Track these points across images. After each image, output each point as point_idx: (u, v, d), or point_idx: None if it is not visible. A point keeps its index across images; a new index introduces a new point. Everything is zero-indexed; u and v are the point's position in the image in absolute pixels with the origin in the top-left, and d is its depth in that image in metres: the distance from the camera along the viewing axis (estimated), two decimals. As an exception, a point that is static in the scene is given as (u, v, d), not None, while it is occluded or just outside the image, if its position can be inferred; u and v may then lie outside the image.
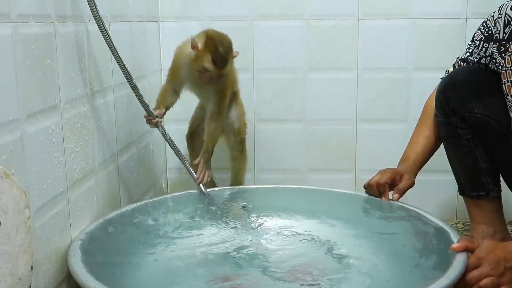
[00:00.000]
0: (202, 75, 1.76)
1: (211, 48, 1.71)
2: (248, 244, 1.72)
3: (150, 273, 1.51)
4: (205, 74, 1.75)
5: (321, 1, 2.19)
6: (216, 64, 1.71)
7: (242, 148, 2.04)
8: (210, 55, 1.71)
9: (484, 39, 1.68)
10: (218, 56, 1.71)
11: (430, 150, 1.80)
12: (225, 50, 1.73)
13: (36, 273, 1.23)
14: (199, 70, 1.74)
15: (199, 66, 1.73)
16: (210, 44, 1.72)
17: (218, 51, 1.71)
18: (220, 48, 1.72)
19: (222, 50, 1.72)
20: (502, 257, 1.32)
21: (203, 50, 1.72)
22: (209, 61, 1.71)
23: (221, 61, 1.72)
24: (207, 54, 1.71)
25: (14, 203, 1.11)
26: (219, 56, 1.71)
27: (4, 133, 1.12)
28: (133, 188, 1.92)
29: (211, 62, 1.71)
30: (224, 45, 1.74)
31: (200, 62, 1.72)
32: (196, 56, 1.73)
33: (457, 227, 2.15)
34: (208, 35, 1.74)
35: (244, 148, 2.04)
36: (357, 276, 1.51)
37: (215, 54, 1.71)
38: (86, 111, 1.52)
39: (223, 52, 1.72)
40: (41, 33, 1.27)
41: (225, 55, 1.73)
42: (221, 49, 1.72)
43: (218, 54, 1.71)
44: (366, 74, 2.23)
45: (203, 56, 1.72)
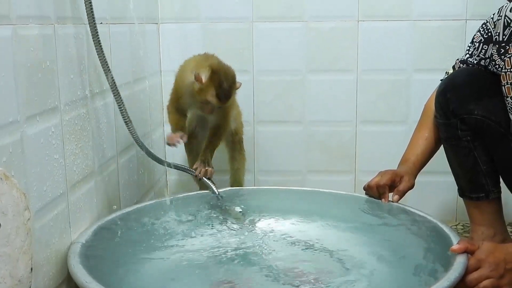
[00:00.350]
0: (204, 106, 1.77)
1: (215, 83, 1.72)
2: (247, 245, 1.71)
3: (150, 275, 1.51)
4: (208, 106, 1.76)
5: (321, 3, 2.20)
6: (219, 99, 1.73)
7: (240, 148, 2.04)
8: (215, 90, 1.72)
9: (483, 41, 1.68)
10: (222, 92, 1.72)
11: (430, 152, 1.80)
12: (229, 85, 1.74)
13: (36, 275, 1.23)
14: (202, 102, 1.76)
15: (202, 99, 1.74)
16: (215, 79, 1.72)
17: (222, 86, 1.72)
18: (225, 83, 1.73)
19: (226, 85, 1.73)
20: (502, 259, 1.32)
21: (207, 84, 1.72)
22: (213, 96, 1.72)
23: (225, 96, 1.74)
24: (211, 88, 1.72)
25: (14, 205, 1.11)
26: (223, 92, 1.73)
27: (4, 135, 1.12)
28: (133, 189, 1.92)
29: (215, 96, 1.72)
30: (229, 80, 1.75)
31: (203, 96, 1.73)
32: (200, 88, 1.73)
33: (457, 229, 2.15)
34: (213, 70, 1.74)
35: (242, 148, 2.05)
36: (357, 278, 1.51)
37: (220, 89, 1.72)
38: (86, 113, 1.52)
39: (227, 87, 1.73)
40: (40, 35, 1.27)
41: (228, 90, 1.74)
42: (225, 84, 1.73)
43: (223, 89, 1.72)
44: (366, 76, 2.23)
45: (207, 90, 1.72)
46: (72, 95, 1.44)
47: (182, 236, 1.72)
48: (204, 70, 1.73)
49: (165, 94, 2.12)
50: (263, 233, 1.78)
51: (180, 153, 2.20)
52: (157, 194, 2.21)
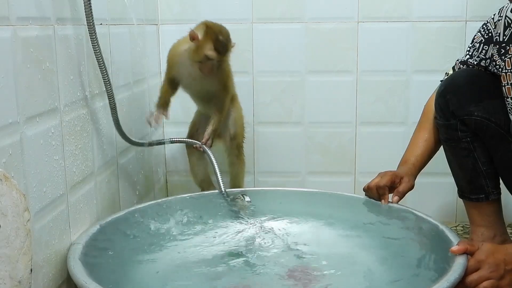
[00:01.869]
0: (203, 66, 1.79)
1: (212, 36, 1.76)
2: (246, 246, 1.71)
3: (149, 275, 1.51)
4: (206, 64, 1.78)
5: (321, 4, 2.20)
6: (218, 51, 1.76)
7: (238, 153, 2.04)
8: (212, 43, 1.75)
9: (484, 42, 1.69)
10: (219, 43, 1.76)
11: (430, 153, 1.80)
12: (225, 37, 1.79)
13: (36, 276, 1.23)
14: (201, 60, 1.78)
15: (200, 56, 1.77)
16: (211, 32, 1.77)
17: (219, 38, 1.76)
18: (220, 36, 1.77)
19: (223, 38, 1.78)
20: (502, 260, 1.32)
21: (204, 39, 1.76)
22: (211, 49, 1.75)
23: (223, 48, 1.77)
24: (208, 42, 1.76)
25: (14, 206, 1.11)
26: (221, 43, 1.77)
27: (4, 136, 1.12)
28: (132, 190, 1.92)
29: (213, 49, 1.75)
30: (224, 33, 1.80)
31: (201, 52, 1.76)
32: (196, 46, 1.77)
33: (457, 230, 2.15)
34: (208, 25, 1.79)
35: (241, 153, 2.05)
36: (356, 278, 1.51)
37: (217, 41, 1.76)
38: (85, 114, 1.52)
39: (224, 39, 1.78)
40: (40, 36, 1.27)
41: (226, 42, 1.79)
42: (221, 37, 1.77)
43: (220, 41, 1.76)
44: (366, 77, 2.23)
45: (205, 44, 1.76)
46: (72, 96, 1.44)
47: (181, 237, 1.72)
48: (198, 28, 1.80)
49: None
50: (263, 234, 1.78)
51: (179, 155, 2.20)
52: (157, 195, 2.21)
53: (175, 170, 2.35)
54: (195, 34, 1.77)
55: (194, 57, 1.79)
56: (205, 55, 1.76)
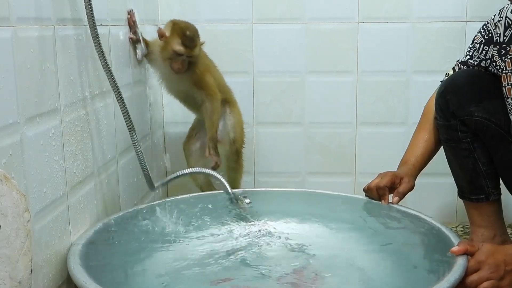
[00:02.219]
0: (173, 63, 1.82)
1: (178, 32, 1.80)
2: (246, 246, 1.72)
3: (149, 276, 1.51)
4: (176, 60, 1.81)
5: (321, 4, 2.20)
6: (185, 45, 1.78)
7: (237, 158, 2.05)
8: (179, 38, 1.79)
9: (484, 42, 1.69)
10: (186, 38, 1.79)
11: (430, 153, 1.80)
12: (192, 33, 1.82)
13: (36, 276, 1.23)
14: (170, 56, 1.81)
15: (169, 52, 1.80)
16: (177, 28, 1.81)
17: (186, 33, 1.79)
18: (188, 31, 1.80)
19: (190, 33, 1.80)
20: (502, 260, 1.32)
21: (171, 35, 1.80)
22: (178, 44, 1.78)
23: (190, 42, 1.79)
24: (175, 37, 1.79)
25: (14, 207, 1.11)
26: (188, 38, 1.79)
27: (4, 137, 1.12)
28: (133, 191, 1.92)
29: (180, 44, 1.78)
30: (191, 29, 1.82)
31: (169, 47, 1.80)
32: (164, 43, 1.81)
33: (457, 230, 2.15)
34: (174, 22, 1.84)
35: (240, 158, 2.05)
36: (356, 279, 1.51)
37: (183, 36, 1.79)
38: (86, 114, 1.52)
39: (190, 34, 1.81)
40: (40, 37, 1.27)
41: (192, 37, 1.81)
42: (188, 32, 1.80)
43: (186, 36, 1.79)
44: (366, 77, 2.23)
45: (171, 40, 1.79)
46: (72, 97, 1.44)
47: (181, 237, 1.72)
48: (166, 26, 1.84)
49: (165, 96, 2.12)
50: (262, 234, 1.78)
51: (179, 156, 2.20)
52: (157, 196, 2.21)
53: (175, 170, 2.34)
54: (162, 32, 1.81)
55: (164, 54, 1.82)
56: (173, 51, 1.79)
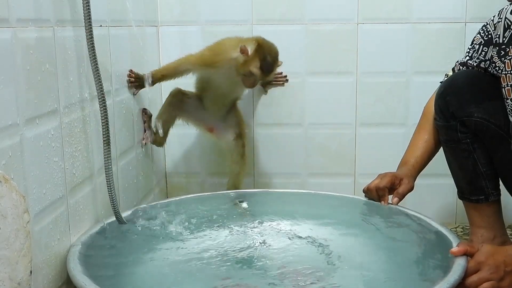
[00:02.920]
0: (245, 79, 1.88)
1: (260, 56, 1.83)
2: (247, 247, 1.71)
3: (149, 277, 1.51)
4: (250, 78, 1.86)
5: (321, 5, 2.20)
6: (263, 70, 1.84)
7: (243, 152, 2.06)
8: (259, 62, 1.83)
9: (483, 43, 1.69)
10: (265, 64, 1.84)
11: (429, 154, 1.80)
12: (272, 59, 1.87)
13: (35, 277, 1.23)
14: (245, 74, 1.85)
15: (245, 70, 1.84)
16: (260, 51, 1.84)
17: (266, 59, 1.84)
18: (268, 56, 1.85)
19: (270, 59, 1.85)
20: (502, 261, 1.32)
21: (252, 56, 1.83)
22: (257, 67, 1.83)
23: (268, 68, 1.85)
24: (255, 61, 1.83)
25: (13, 208, 1.11)
26: (267, 64, 1.84)
27: (3, 138, 1.12)
28: (132, 192, 1.92)
29: (258, 68, 1.83)
30: (272, 54, 1.87)
31: (247, 67, 1.84)
32: (245, 60, 1.84)
33: (457, 231, 2.15)
34: (259, 43, 1.86)
35: (245, 153, 2.06)
36: (356, 280, 1.51)
37: (264, 62, 1.83)
38: (85, 116, 1.52)
39: (270, 60, 1.85)
40: (40, 38, 1.27)
41: (272, 63, 1.86)
42: (269, 57, 1.85)
43: (266, 62, 1.84)
44: (366, 78, 2.23)
45: (252, 61, 1.83)
46: (72, 98, 1.44)
47: (181, 238, 1.72)
48: (250, 43, 1.86)
49: (165, 96, 2.12)
50: (263, 235, 1.78)
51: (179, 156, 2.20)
52: (157, 196, 2.21)
53: (175, 171, 2.35)
54: (245, 49, 1.82)
55: (240, 69, 1.85)
56: (250, 71, 1.84)
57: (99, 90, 1.48)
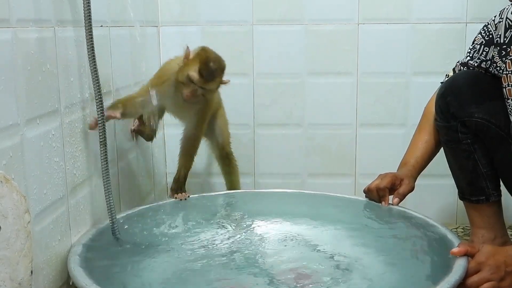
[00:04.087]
0: (184, 88, 1.67)
1: (201, 59, 1.66)
2: (246, 248, 1.71)
3: (149, 277, 1.50)
4: (188, 87, 1.66)
5: (321, 6, 2.20)
6: (201, 75, 1.64)
7: (229, 161, 2.03)
8: (198, 65, 1.64)
9: (484, 43, 1.69)
10: (205, 68, 1.65)
11: (430, 155, 1.80)
12: (215, 66, 1.68)
13: (36, 277, 1.23)
14: (183, 80, 1.66)
15: (183, 75, 1.66)
16: (202, 55, 1.68)
17: (207, 63, 1.66)
18: (212, 63, 1.67)
19: (213, 66, 1.67)
20: (502, 261, 1.32)
21: (193, 59, 1.67)
22: (195, 71, 1.64)
23: (208, 74, 1.65)
24: (195, 63, 1.65)
25: (14, 208, 1.11)
26: (207, 69, 1.65)
27: (4, 138, 1.12)
28: (133, 192, 1.92)
29: (197, 71, 1.64)
30: (217, 63, 1.69)
31: (186, 71, 1.65)
32: (184, 64, 1.67)
33: (457, 232, 2.15)
34: (204, 49, 1.71)
35: (232, 159, 2.03)
36: (356, 280, 1.51)
37: (204, 65, 1.65)
38: (86, 116, 1.52)
39: (213, 67, 1.66)
40: (41, 38, 1.27)
41: (213, 71, 1.67)
42: (212, 64, 1.66)
43: (207, 66, 1.65)
44: (366, 79, 2.23)
45: (191, 65, 1.66)
46: (72, 98, 1.44)
47: (182, 239, 1.72)
48: (196, 49, 1.70)
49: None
50: (263, 236, 1.78)
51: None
52: (157, 197, 2.21)
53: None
54: (188, 53, 1.68)
55: (178, 76, 1.68)
56: (187, 75, 1.65)
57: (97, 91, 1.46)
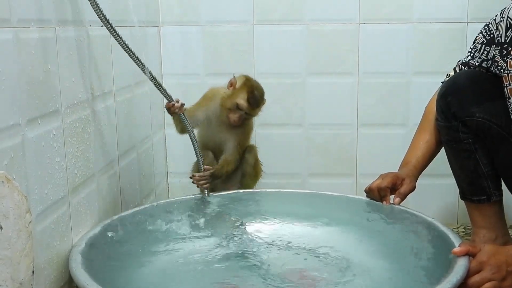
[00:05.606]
0: (231, 115, 1.85)
1: (248, 88, 1.86)
2: (247, 248, 1.71)
3: (151, 278, 1.51)
4: (235, 113, 1.85)
5: (322, 5, 2.20)
6: (249, 103, 1.84)
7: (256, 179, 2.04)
8: (246, 94, 1.84)
9: (486, 43, 1.69)
10: (253, 97, 1.85)
11: (431, 155, 1.80)
12: (260, 94, 1.88)
13: (37, 277, 1.23)
14: (231, 107, 1.85)
15: (232, 103, 1.85)
16: (248, 84, 1.87)
17: (254, 92, 1.86)
18: (256, 91, 1.87)
19: (258, 93, 1.87)
20: (504, 261, 1.32)
21: (240, 88, 1.86)
22: (244, 99, 1.84)
23: (254, 102, 1.86)
24: (243, 92, 1.85)
25: (15, 208, 1.11)
26: (254, 97, 1.85)
27: (5, 138, 1.12)
28: (134, 192, 1.92)
29: (246, 100, 1.84)
30: (260, 90, 1.89)
31: (234, 99, 1.85)
32: (231, 93, 1.87)
33: (458, 232, 2.15)
34: (247, 78, 1.90)
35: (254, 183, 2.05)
36: (357, 281, 1.51)
37: (251, 94, 1.85)
38: (87, 116, 1.52)
39: (258, 94, 1.87)
40: (42, 38, 1.27)
41: (258, 98, 1.87)
42: (256, 92, 1.87)
43: (254, 95, 1.85)
44: (367, 79, 2.23)
45: (239, 93, 1.85)
46: (73, 98, 1.44)
47: (183, 239, 1.72)
48: (239, 78, 1.89)
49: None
50: (264, 235, 1.78)
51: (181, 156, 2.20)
52: (158, 197, 2.21)
53: (176, 171, 2.35)
54: (234, 81, 1.87)
55: (226, 103, 1.86)
56: (236, 103, 1.84)
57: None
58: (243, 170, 1.99)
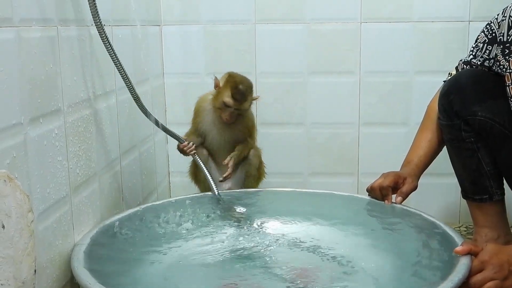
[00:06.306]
0: (222, 113, 1.87)
1: (232, 84, 1.85)
2: (249, 247, 1.71)
3: (153, 276, 1.51)
4: (226, 111, 1.86)
5: (323, 4, 2.20)
6: (235, 98, 1.84)
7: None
8: (230, 91, 1.84)
9: (487, 42, 1.68)
10: (237, 92, 1.84)
11: (433, 154, 1.79)
12: (245, 87, 1.86)
13: (40, 276, 1.23)
14: (220, 106, 1.86)
15: (219, 102, 1.86)
16: (231, 80, 1.87)
17: (238, 87, 1.84)
18: (240, 85, 1.85)
19: (242, 87, 1.85)
20: (506, 260, 1.32)
21: (223, 86, 1.87)
22: (228, 96, 1.84)
23: (240, 96, 1.85)
24: (227, 89, 1.85)
25: (17, 207, 1.11)
26: (239, 92, 1.84)
27: (7, 137, 1.12)
28: (136, 191, 1.92)
29: (230, 96, 1.84)
30: (245, 83, 1.88)
31: (220, 98, 1.86)
32: (217, 93, 1.88)
33: (460, 231, 2.15)
34: (230, 74, 1.90)
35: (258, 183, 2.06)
36: (359, 280, 1.51)
37: (235, 90, 1.84)
38: (89, 115, 1.52)
39: (243, 88, 1.85)
40: (44, 37, 1.27)
41: (244, 92, 1.86)
42: (241, 86, 1.85)
43: (238, 90, 1.84)
44: (368, 78, 2.23)
45: (224, 91, 1.85)
46: (75, 97, 1.44)
47: (185, 237, 1.72)
48: (223, 77, 1.90)
49: (167, 96, 2.12)
50: (265, 235, 1.78)
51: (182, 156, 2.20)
52: (160, 196, 2.21)
53: (178, 170, 2.35)
54: (217, 82, 1.88)
55: (215, 104, 1.88)
56: (223, 102, 1.85)
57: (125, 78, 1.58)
58: (247, 171, 1.99)
